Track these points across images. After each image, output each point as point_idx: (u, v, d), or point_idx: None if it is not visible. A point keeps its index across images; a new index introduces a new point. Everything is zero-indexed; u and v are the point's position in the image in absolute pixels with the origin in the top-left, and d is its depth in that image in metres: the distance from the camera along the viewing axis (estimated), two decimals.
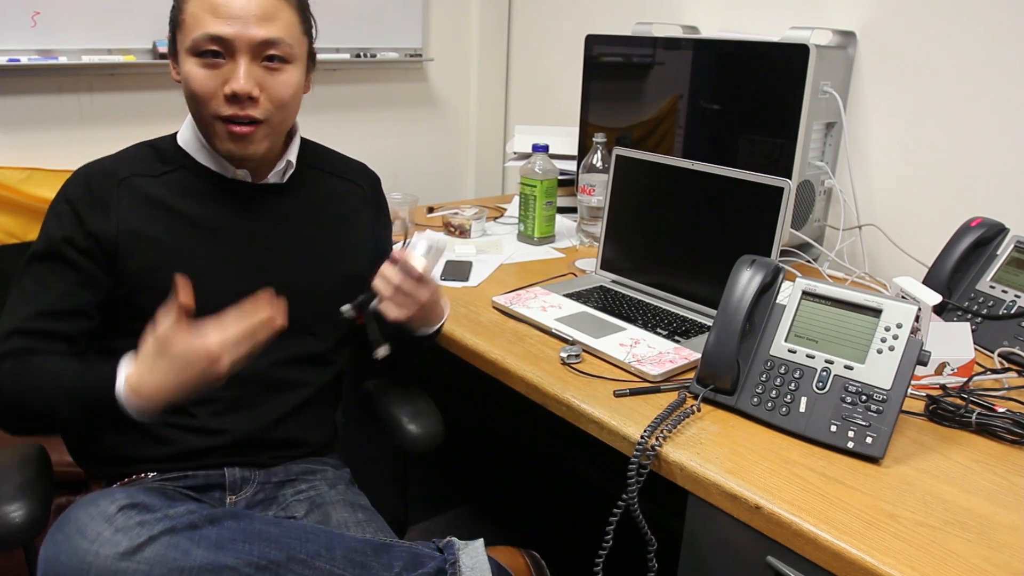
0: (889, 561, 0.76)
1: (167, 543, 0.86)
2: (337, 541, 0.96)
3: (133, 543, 0.85)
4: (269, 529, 0.93)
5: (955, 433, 1.01)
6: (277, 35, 1.01)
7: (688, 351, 1.19)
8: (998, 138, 1.47)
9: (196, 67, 1.00)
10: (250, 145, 1.05)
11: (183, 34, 1.01)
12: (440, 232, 1.84)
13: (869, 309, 0.99)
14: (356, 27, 2.18)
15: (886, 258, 1.64)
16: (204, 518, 0.90)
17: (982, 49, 1.47)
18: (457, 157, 2.59)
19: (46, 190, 1.75)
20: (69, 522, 0.88)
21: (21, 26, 1.70)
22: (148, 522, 0.88)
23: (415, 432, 1.21)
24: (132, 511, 0.89)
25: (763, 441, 0.97)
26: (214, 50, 0.99)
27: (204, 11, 0.98)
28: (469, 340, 1.26)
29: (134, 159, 1.08)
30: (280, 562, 0.90)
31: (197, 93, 1.01)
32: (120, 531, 0.86)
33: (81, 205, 1.02)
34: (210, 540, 0.88)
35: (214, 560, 0.87)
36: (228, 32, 0.98)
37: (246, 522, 0.93)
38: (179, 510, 0.90)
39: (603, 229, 1.51)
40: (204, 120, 1.04)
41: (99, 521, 0.87)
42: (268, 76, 1.02)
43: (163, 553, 0.86)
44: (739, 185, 1.29)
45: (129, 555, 0.84)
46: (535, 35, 2.45)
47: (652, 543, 0.94)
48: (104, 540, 0.85)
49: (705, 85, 1.70)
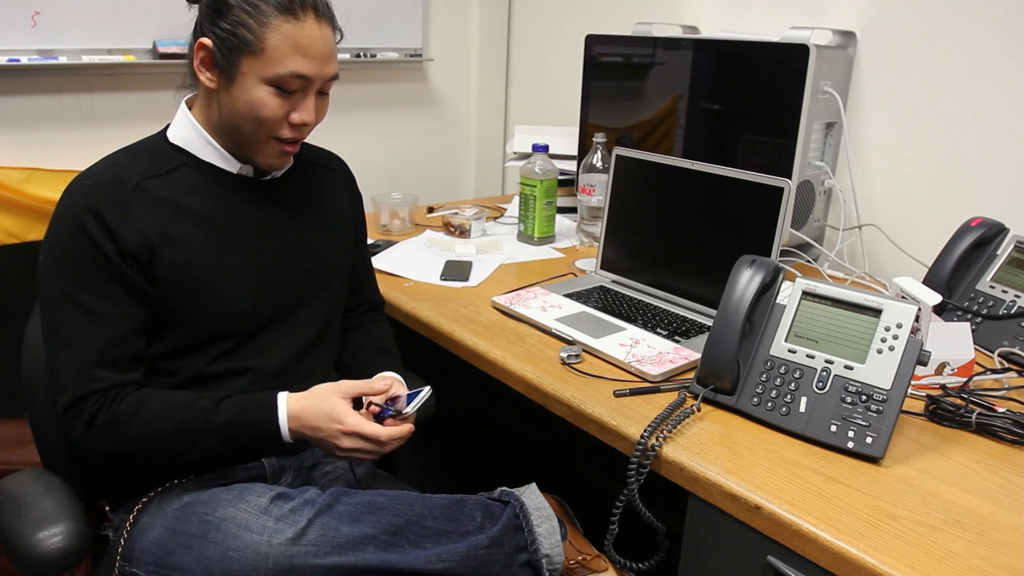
0: (889, 561, 0.76)
1: (321, 524, 0.96)
2: (429, 502, 1.03)
3: (296, 528, 0.95)
4: (378, 499, 1.01)
5: (955, 433, 1.01)
6: (336, 71, 1.08)
7: (688, 351, 1.19)
8: (998, 138, 1.47)
9: (271, 96, 1.02)
10: (289, 159, 1.12)
11: (260, 62, 1.00)
12: (442, 230, 1.84)
13: (869, 309, 0.99)
14: (356, 27, 2.18)
15: (886, 258, 1.64)
16: (331, 497, 1.00)
17: (982, 49, 1.47)
18: (457, 157, 2.59)
19: (46, 190, 1.75)
20: (223, 521, 0.97)
21: (21, 26, 1.70)
22: (296, 508, 0.98)
23: None
24: (280, 501, 0.99)
25: (763, 441, 0.97)
26: (295, 86, 1.03)
27: (291, 48, 1.00)
28: (469, 340, 1.26)
29: (131, 163, 1.06)
30: (401, 526, 0.98)
31: (266, 119, 1.03)
32: (281, 520, 0.96)
33: (106, 218, 0.99)
34: (346, 516, 0.98)
35: (360, 532, 0.96)
36: (311, 72, 1.03)
37: (356, 496, 1.02)
38: (310, 495, 1.01)
39: (603, 229, 1.51)
40: (257, 138, 1.06)
41: (258, 515, 0.97)
42: (319, 102, 1.09)
43: (322, 533, 0.96)
44: (739, 185, 1.29)
45: (297, 540, 0.95)
46: (535, 35, 2.45)
47: (661, 529, 0.96)
48: (272, 531, 0.95)
49: (705, 85, 1.70)
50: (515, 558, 1.01)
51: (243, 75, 1.01)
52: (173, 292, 1.03)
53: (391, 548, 0.96)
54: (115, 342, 0.99)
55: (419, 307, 1.39)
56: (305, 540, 0.95)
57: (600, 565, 1.10)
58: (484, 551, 0.99)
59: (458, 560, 0.97)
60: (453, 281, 1.52)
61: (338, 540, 0.95)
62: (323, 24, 1.03)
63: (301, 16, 1.01)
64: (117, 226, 0.99)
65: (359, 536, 0.96)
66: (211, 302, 1.06)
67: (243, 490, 1.01)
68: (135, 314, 1.01)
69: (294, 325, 1.16)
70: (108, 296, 0.99)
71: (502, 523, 1.02)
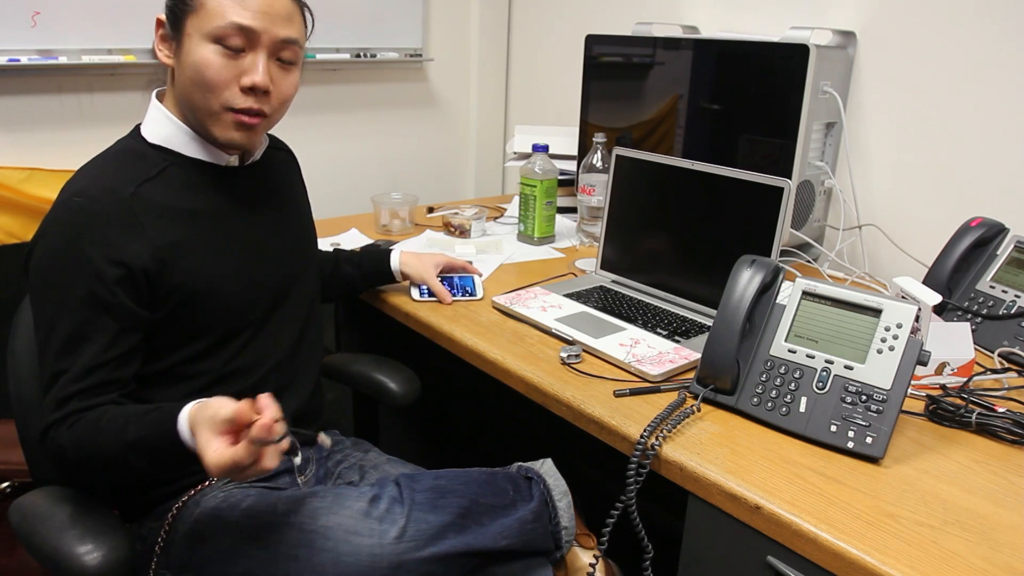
0: (889, 561, 0.76)
1: (414, 519, 0.98)
2: (474, 476, 1.06)
3: (398, 527, 0.97)
4: (439, 483, 1.03)
5: (955, 433, 1.01)
6: (294, 36, 1.03)
7: (688, 351, 1.19)
8: (998, 138, 1.47)
9: (214, 55, 0.98)
10: (253, 135, 1.06)
11: (200, 19, 0.98)
12: (440, 232, 1.84)
13: (869, 309, 0.99)
14: (356, 27, 2.18)
15: (886, 258, 1.64)
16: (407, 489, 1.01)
17: (982, 49, 1.47)
18: (457, 157, 2.59)
19: (46, 190, 1.75)
20: (329, 529, 0.98)
21: (21, 26, 1.70)
22: (390, 507, 0.99)
23: (396, 389, 1.31)
24: (376, 503, 1.00)
25: (763, 441, 0.97)
26: (236, 41, 0.99)
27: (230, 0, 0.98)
28: (469, 340, 1.26)
29: (118, 171, 1.02)
30: (468, 506, 1.00)
31: (211, 81, 0.99)
32: (383, 521, 0.98)
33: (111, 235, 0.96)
34: (427, 505, 0.99)
35: (441, 520, 0.98)
36: (256, 25, 0.99)
37: (422, 481, 1.03)
38: (390, 490, 1.02)
39: (603, 229, 1.51)
40: (208, 108, 1.01)
41: (363, 519, 0.98)
42: (279, 74, 1.04)
43: (417, 527, 0.97)
44: (739, 185, 1.29)
45: (401, 538, 0.96)
46: (535, 35, 2.45)
47: (649, 551, 0.94)
48: (379, 532, 0.97)
49: (705, 85, 1.70)
50: (548, 529, 1.06)
51: (188, 36, 0.99)
52: (186, 298, 1.02)
53: (464, 531, 0.99)
54: (93, 370, 0.96)
55: (419, 307, 1.39)
56: (407, 536, 0.96)
57: (588, 543, 1.16)
58: (531, 525, 1.03)
59: (514, 535, 1.01)
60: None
61: (429, 532, 0.97)
62: None
63: None
64: (124, 246, 0.96)
65: (442, 524, 0.98)
66: (222, 299, 1.06)
67: (337, 496, 1.02)
68: (120, 343, 0.98)
69: (293, 305, 1.17)
70: (94, 324, 0.96)
71: (537, 498, 1.06)
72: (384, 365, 1.36)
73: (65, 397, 0.95)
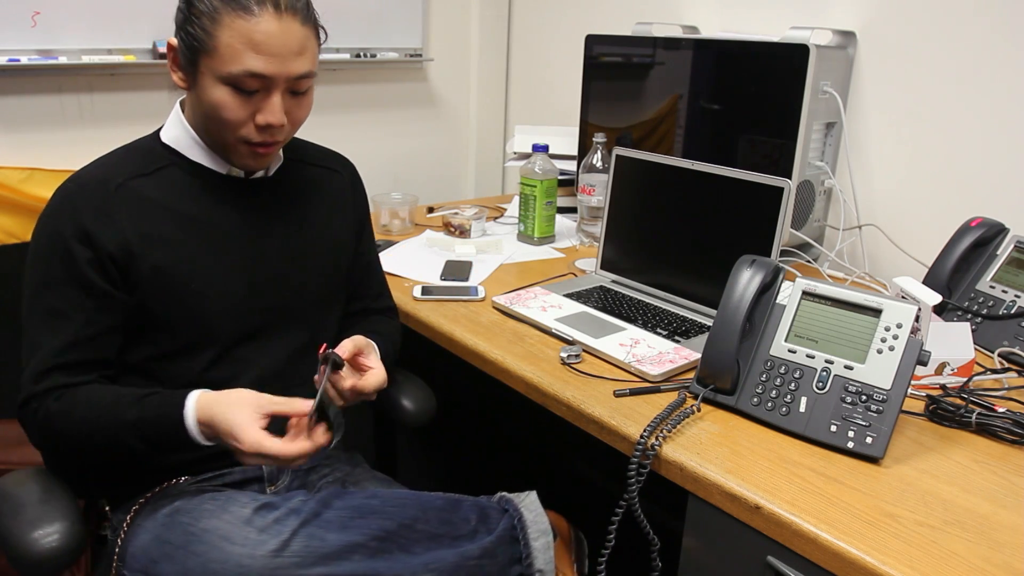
0: (889, 561, 0.76)
1: (306, 534, 0.93)
2: (425, 502, 1.01)
3: (280, 540, 0.92)
4: (371, 502, 0.99)
5: (955, 433, 1.01)
6: (308, 69, 1.02)
7: (688, 351, 1.19)
8: (998, 138, 1.47)
9: (228, 96, 0.98)
10: (267, 160, 1.08)
11: (214, 61, 0.97)
12: (440, 233, 1.84)
13: (869, 309, 0.99)
14: (356, 27, 2.18)
15: (886, 258, 1.64)
16: (320, 504, 0.97)
17: (982, 49, 1.47)
18: (457, 157, 2.59)
19: (46, 190, 1.75)
20: (206, 532, 0.94)
21: (21, 26, 1.70)
22: (281, 518, 0.95)
23: (410, 407, 1.25)
24: (264, 511, 0.96)
25: (763, 441, 0.97)
26: (251, 85, 0.98)
27: (243, 45, 0.95)
28: (469, 340, 1.26)
29: (120, 163, 1.05)
30: (393, 531, 0.95)
31: (227, 120, 1.00)
32: (264, 532, 0.93)
33: (84, 219, 0.98)
34: (335, 523, 0.95)
35: (346, 540, 0.93)
36: (269, 71, 0.97)
37: (349, 499, 0.99)
38: (296, 502, 0.97)
39: (603, 229, 1.51)
40: (225, 140, 1.04)
41: (241, 526, 0.94)
42: (293, 103, 1.04)
43: (306, 544, 0.92)
44: (739, 185, 1.29)
45: (280, 551, 0.91)
46: (535, 35, 2.45)
47: (655, 542, 0.94)
48: (254, 542, 0.92)
49: (705, 85, 1.70)
50: (508, 570, 0.99)
51: (202, 75, 0.99)
52: (155, 294, 1.02)
53: (379, 555, 0.93)
54: (73, 346, 0.98)
55: (419, 307, 1.39)
56: (289, 551, 0.91)
57: None
58: (475, 561, 0.96)
59: (446, 570, 0.94)
60: (453, 281, 1.51)
61: (323, 550, 0.92)
62: (285, 18, 0.96)
63: (256, 11, 0.95)
64: (94, 230, 0.98)
65: (346, 544, 0.93)
66: (195, 304, 1.04)
67: (228, 500, 0.98)
68: (98, 321, 0.99)
69: (286, 329, 1.13)
70: (72, 301, 0.98)
71: (497, 533, 0.99)
72: (402, 381, 1.29)
73: (46, 370, 0.97)
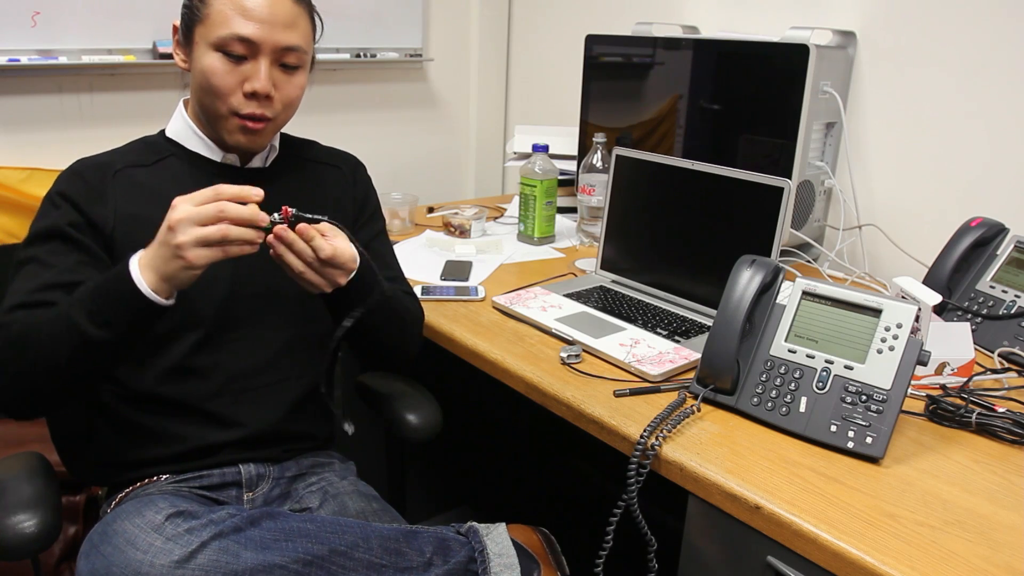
0: (889, 561, 0.76)
1: (217, 548, 0.89)
2: (371, 531, 0.98)
3: (185, 551, 0.88)
4: (306, 526, 0.95)
5: (955, 433, 1.01)
6: (297, 42, 1.06)
7: (688, 351, 1.19)
8: (998, 138, 1.47)
9: (218, 62, 1.03)
10: (258, 138, 1.10)
11: (206, 28, 1.03)
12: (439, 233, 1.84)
13: (869, 309, 0.99)
14: (356, 27, 2.18)
15: (886, 258, 1.64)
16: (246, 520, 0.93)
17: (982, 49, 1.47)
18: (457, 157, 2.59)
19: (46, 190, 1.74)
20: (116, 534, 0.91)
21: (21, 26, 1.70)
22: (195, 528, 0.90)
23: (415, 422, 1.22)
24: (179, 519, 0.92)
25: (763, 441, 0.97)
26: (239, 49, 1.03)
27: (233, 10, 1.01)
28: (469, 340, 1.26)
29: (126, 153, 1.11)
30: (323, 556, 0.92)
31: (216, 87, 1.04)
32: (171, 540, 0.89)
33: (78, 196, 1.04)
34: (255, 541, 0.91)
35: (263, 560, 0.89)
36: (256, 34, 1.02)
37: (283, 520, 0.95)
38: (221, 515, 0.93)
39: (603, 229, 1.51)
40: (216, 113, 1.07)
41: (148, 532, 0.90)
42: (283, 78, 1.08)
43: (215, 558, 0.88)
44: (739, 185, 1.29)
45: (183, 563, 0.87)
46: (535, 35, 2.45)
47: (652, 543, 0.94)
48: (157, 550, 0.88)
49: (705, 85, 1.70)
50: None
51: (196, 44, 1.05)
52: None
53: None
54: (46, 287, 0.98)
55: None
56: (192, 564, 0.87)
57: None
58: None
59: None
60: (453, 281, 1.51)
61: (232, 567, 0.88)
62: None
63: None
64: (86, 204, 1.04)
65: (260, 564, 0.89)
66: None
67: (147, 502, 0.95)
68: (77, 272, 1.00)
69: (274, 318, 1.14)
70: (54, 252, 1.01)
71: (450, 565, 0.97)
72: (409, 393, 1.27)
73: (15, 305, 0.98)
